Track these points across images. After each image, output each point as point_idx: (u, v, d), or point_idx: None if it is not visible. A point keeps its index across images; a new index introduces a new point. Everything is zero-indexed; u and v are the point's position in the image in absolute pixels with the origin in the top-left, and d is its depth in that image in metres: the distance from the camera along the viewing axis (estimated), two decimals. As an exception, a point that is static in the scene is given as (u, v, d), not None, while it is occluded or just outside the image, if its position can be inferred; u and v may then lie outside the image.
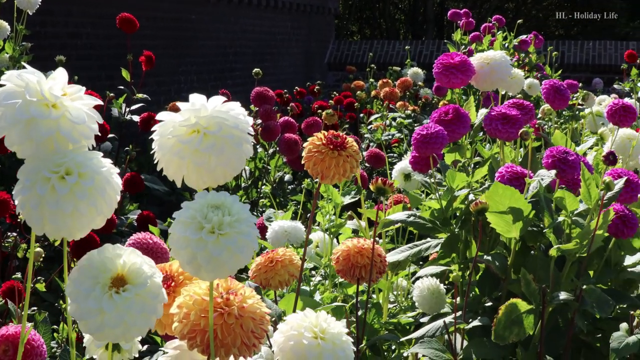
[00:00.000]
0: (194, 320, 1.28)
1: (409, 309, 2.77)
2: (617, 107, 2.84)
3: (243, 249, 1.22)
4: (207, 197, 1.24)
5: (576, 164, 2.36)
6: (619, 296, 2.35)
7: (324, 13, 14.60)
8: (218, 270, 1.22)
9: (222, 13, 10.79)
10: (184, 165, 1.28)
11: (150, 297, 1.23)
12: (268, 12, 12.27)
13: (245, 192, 4.60)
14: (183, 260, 1.22)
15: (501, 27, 6.57)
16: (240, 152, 1.29)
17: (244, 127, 1.29)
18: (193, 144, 1.25)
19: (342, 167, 1.79)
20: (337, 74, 14.37)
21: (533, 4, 24.24)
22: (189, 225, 1.21)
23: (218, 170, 1.28)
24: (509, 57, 2.88)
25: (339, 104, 7.31)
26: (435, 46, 14.49)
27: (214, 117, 1.27)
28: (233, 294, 1.31)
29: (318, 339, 1.38)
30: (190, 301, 1.30)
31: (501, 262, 2.31)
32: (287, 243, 2.67)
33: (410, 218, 2.51)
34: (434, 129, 2.47)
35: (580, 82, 7.79)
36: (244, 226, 1.22)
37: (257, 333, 1.30)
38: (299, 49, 13.59)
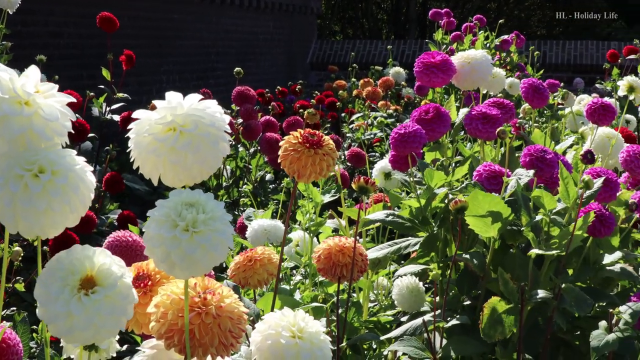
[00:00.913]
0: (171, 320, 1.28)
1: (389, 307, 2.77)
2: (597, 106, 2.85)
3: (217, 247, 1.21)
4: (182, 195, 1.24)
5: (554, 163, 2.36)
6: (597, 294, 2.36)
7: (307, 13, 14.60)
8: (192, 268, 1.21)
9: (204, 13, 10.78)
10: (160, 163, 1.27)
11: (119, 298, 1.22)
12: (250, 12, 12.25)
13: (227, 191, 4.59)
14: (157, 258, 1.22)
15: (483, 27, 6.58)
16: (216, 150, 1.28)
17: (221, 125, 1.28)
18: (169, 141, 1.25)
19: (319, 165, 1.79)
20: (319, 73, 14.37)
21: (515, 4, 24.29)
22: (163, 223, 1.20)
23: (194, 168, 1.27)
24: (490, 57, 2.89)
25: (321, 103, 7.31)
26: (418, 46, 14.51)
27: (190, 115, 1.26)
28: (211, 293, 1.30)
29: (296, 338, 1.37)
30: (168, 300, 1.29)
31: (480, 261, 2.31)
32: (267, 242, 2.67)
33: (389, 217, 2.51)
34: (412, 128, 2.47)
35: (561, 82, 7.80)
36: (218, 224, 1.22)
37: (234, 332, 1.29)
38: (281, 49, 13.58)
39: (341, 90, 7.51)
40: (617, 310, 2.07)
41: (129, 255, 1.99)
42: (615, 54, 7.47)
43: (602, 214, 2.27)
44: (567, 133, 3.80)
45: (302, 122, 4.80)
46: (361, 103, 6.85)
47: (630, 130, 3.37)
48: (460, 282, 2.43)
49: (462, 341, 2.23)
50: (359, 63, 13.53)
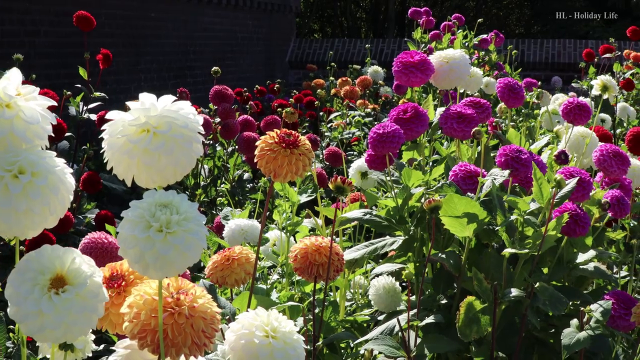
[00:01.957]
0: (144, 320, 1.28)
1: (366, 306, 2.78)
2: (572, 105, 2.86)
3: (191, 247, 1.22)
4: (155, 196, 1.24)
5: (529, 163, 2.38)
6: (571, 293, 2.37)
7: (285, 11, 14.59)
8: (166, 269, 1.22)
9: (183, 11, 10.76)
10: (134, 165, 1.27)
11: (90, 296, 1.23)
12: (229, 11, 12.24)
13: (205, 191, 4.59)
14: (131, 259, 1.22)
15: (461, 26, 6.59)
16: (190, 151, 1.29)
17: (194, 127, 1.29)
18: (142, 143, 1.25)
19: (295, 165, 1.79)
20: (298, 72, 14.36)
21: (493, 3, 24.36)
22: (137, 224, 1.21)
23: (168, 169, 1.27)
24: (467, 56, 2.90)
25: (299, 102, 7.31)
26: (397, 45, 14.52)
27: (164, 117, 1.27)
28: (184, 293, 1.31)
29: (269, 337, 1.38)
30: (141, 301, 1.30)
31: (455, 260, 2.32)
32: (244, 242, 2.67)
33: (366, 216, 2.52)
34: (390, 128, 2.48)
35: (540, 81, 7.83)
36: (192, 224, 1.22)
37: (207, 332, 1.30)
38: (260, 48, 13.57)
39: (319, 89, 7.53)
40: (588, 309, 2.09)
41: (105, 256, 2.00)
42: (591, 53, 7.50)
43: (576, 213, 2.29)
44: (542, 132, 3.82)
45: (280, 121, 4.81)
46: (339, 102, 6.86)
47: (606, 129, 3.39)
48: (436, 281, 2.44)
49: (436, 339, 2.24)
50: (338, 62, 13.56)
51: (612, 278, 2.47)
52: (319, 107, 7.31)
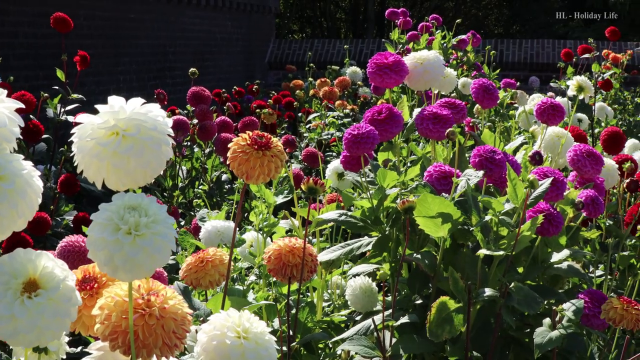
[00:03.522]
0: (115, 322, 1.29)
1: (343, 306, 2.78)
2: (546, 106, 2.88)
3: (160, 250, 1.22)
4: (124, 198, 1.25)
5: (503, 163, 2.39)
6: (546, 292, 2.39)
7: (265, 12, 14.59)
8: (135, 271, 1.22)
9: (162, 12, 10.74)
10: (104, 168, 1.27)
11: (63, 300, 1.23)
12: (208, 11, 12.23)
13: (182, 192, 4.58)
14: (100, 261, 1.23)
15: (439, 26, 6.61)
16: (159, 153, 1.29)
17: (163, 129, 1.29)
18: (112, 146, 1.25)
19: (267, 167, 1.80)
20: (277, 73, 14.37)
21: (472, 3, 24.43)
22: (106, 227, 1.21)
23: (137, 171, 1.28)
24: (442, 57, 2.91)
25: (278, 103, 7.32)
26: (376, 45, 14.54)
27: (133, 119, 1.27)
28: (154, 295, 1.31)
29: (241, 338, 1.38)
30: (112, 302, 1.30)
31: (430, 261, 2.33)
32: (221, 243, 2.68)
33: (342, 217, 2.53)
34: (365, 129, 2.49)
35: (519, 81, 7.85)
36: (161, 227, 1.23)
37: (178, 333, 1.30)
38: (239, 48, 13.57)
39: (298, 90, 7.52)
40: (560, 308, 2.10)
41: (82, 259, 1.99)
42: (569, 53, 7.53)
43: (550, 213, 2.30)
44: (517, 132, 3.84)
45: (258, 123, 4.81)
46: (318, 103, 6.86)
47: (581, 130, 3.40)
48: (411, 281, 2.45)
49: (411, 340, 2.25)
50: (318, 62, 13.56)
51: (586, 277, 2.49)
52: (298, 107, 7.32)
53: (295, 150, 5.74)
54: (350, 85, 6.89)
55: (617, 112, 7.48)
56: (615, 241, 2.91)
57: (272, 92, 7.75)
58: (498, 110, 4.77)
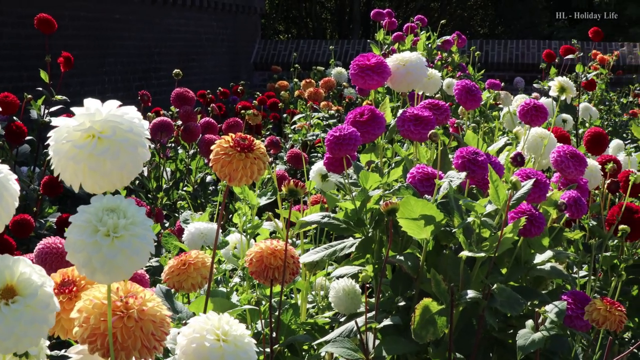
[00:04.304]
0: (94, 324, 1.28)
1: (327, 308, 2.78)
2: (529, 107, 2.88)
3: (138, 252, 1.22)
4: (103, 200, 1.24)
5: (485, 165, 2.39)
6: (529, 293, 2.39)
7: (250, 12, 14.58)
8: (114, 273, 1.22)
9: (147, 12, 10.73)
10: (80, 170, 1.27)
11: (40, 307, 1.22)
12: (193, 12, 12.22)
13: (167, 194, 4.57)
14: (79, 263, 1.22)
15: (424, 27, 6.61)
16: (135, 155, 1.28)
17: (139, 131, 1.29)
18: (88, 148, 1.25)
19: (250, 169, 1.79)
20: (263, 73, 14.36)
21: (458, 4, 24.47)
22: (85, 229, 1.21)
23: (114, 174, 1.27)
24: (424, 58, 2.91)
25: (263, 104, 7.31)
26: (361, 46, 14.55)
27: (108, 121, 1.26)
28: (133, 297, 1.31)
29: (220, 341, 1.38)
30: (90, 305, 1.30)
31: (413, 263, 2.33)
32: (204, 245, 2.67)
33: (324, 219, 2.52)
34: (346, 131, 2.49)
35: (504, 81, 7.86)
36: (139, 229, 1.22)
37: (157, 335, 1.30)
38: (224, 49, 13.56)
39: (283, 91, 7.52)
40: (543, 310, 2.10)
41: (60, 261, 1.99)
42: (551, 54, 7.54)
43: (532, 214, 2.31)
44: (500, 134, 3.84)
45: (242, 124, 4.81)
46: (303, 104, 6.86)
47: (564, 130, 3.41)
48: (394, 283, 2.45)
49: (394, 341, 2.25)
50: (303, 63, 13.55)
51: (568, 277, 2.49)
52: (283, 108, 7.32)
53: (280, 152, 5.73)
54: (335, 86, 6.89)
55: (603, 112, 7.50)
56: (598, 242, 2.92)
57: (257, 93, 7.74)
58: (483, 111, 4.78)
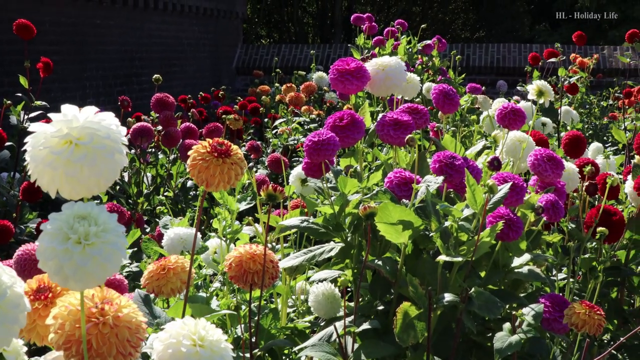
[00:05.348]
0: (69, 331, 1.29)
1: (307, 312, 2.79)
2: (507, 110, 2.90)
3: (110, 259, 1.22)
4: (74, 207, 1.24)
5: (463, 169, 2.40)
6: (507, 296, 2.40)
7: (232, 17, 14.58)
8: (86, 280, 1.22)
9: (128, 18, 10.71)
10: (57, 177, 1.27)
11: (10, 307, 1.22)
12: (175, 17, 12.21)
13: (147, 199, 4.57)
14: (50, 271, 1.22)
15: (405, 31, 6.63)
16: (113, 162, 1.29)
17: (117, 137, 1.29)
18: (65, 154, 1.25)
19: (227, 174, 1.80)
20: (245, 78, 14.37)
21: (439, 8, 24.51)
22: (56, 237, 1.21)
23: (91, 180, 1.27)
24: (403, 63, 2.92)
25: (244, 108, 7.31)
26: (343, 50, 14.58)
27: (86, 128, 1.27)
28: (108, 303, 1.31)
29: (197, 346, 1.38)
30: (65, 312, 1.30)
31: (391, 267, 2.33)
32: (184, 250, 2.67)
33: (303, 223, 2.52)
34: (325, 136, 2.49)
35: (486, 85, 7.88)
36: (111, 236, 1.23)
37: (133, 342, 1.30)
38: (206, 54, 13.55)
39: (264, 95, 7.53)
40: (520, 313, 2.11)
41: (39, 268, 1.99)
42: (536, 57, 7.58)
43: (509, 218, 2.31)
44: (479, 137, 3.85)
45: (223, 129, 4.81)
46: (285, 108, 6.87)
47: (543, 134, 3.43)
48: (373, 287, 2.45)
49: (373, 345, 2.25)
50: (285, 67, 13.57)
51: (546, 280, 2.50)
52: (264, 113, 7.32)
53: (261, 156, 5.74)
54: (316, 91, 6.90)
55: (584, 115, 7.54)
56: (576, 244, 2.93)
57: (238, 98, 7.76)
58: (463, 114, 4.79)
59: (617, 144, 6.79)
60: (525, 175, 3.17)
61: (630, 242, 3.29)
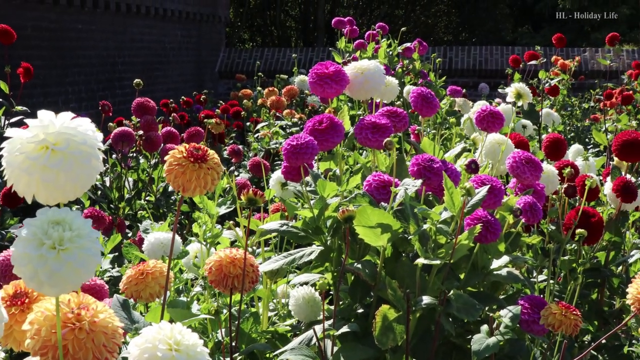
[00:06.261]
0: (45, 336, 1.29)
1: (288, 316, 2.79)
2: (485, 113, 2.90)
3: (84, 264, 1.23)
4: (49, 213, 1.25)
5: (441, 171, 2.40)
6: (486, 298, 2.41)
7: (214, 21, 14.58)
8: (61, 285, 1.22)
9: (110, 22, 10.70)
10: (33, 182, 1.28)
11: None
12: (157, 21, 12.20)
13: (129, 204, 4.57)
14: (25, 276, 1.23)
15: (386, 35, 6.64)
16: (89, 167, 1.29)
17: (93, 143, 1.30)
18: (41, 160, 1.26)
19: (203, 179, 1.80)
20: (228, 82, 14.37)
21: (422, 11, 24.54)
22: (30, 242, 1.21)
23: (67, 186, 1.28)
24: (382, 66, 2.92)
25: (226, 112, 7.31)
26: (326, 53, 14.60)
27: (62, 134, 1.27)
28: (84, 308, 1.32)
29: (172, 351, 1.38)
30: (41, 317, 1.30)
31: (370, 270, 2.34)
32: (164, 255, 2.67)
33: (283, 227, 2.53)
34: (303, 140, 2.49)
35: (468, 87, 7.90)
36: (85, 241, 1.23)
37: (109, 347, 1.31)
38: (189, 58, 13.54)
39: (246, 99, 7.53)
40: (497, 315, 2.12)
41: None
42: (517, 60, 7.61)
43: (487, 220, 2.32)
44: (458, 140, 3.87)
45: (204, 133, 4.81)
46: (267, 112, 6.87)
47: (523, 136, 3.44)
48: (352, 290, 2.45)
49: (352, 348, 2.25)
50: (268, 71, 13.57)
51: (525, 282, 2.51)
52: (246, 117, 7.32)
53: (242, 160, 5.74)
54: (298, 94, 6.91)
55: (566, 117, 7.57)
56: (556, 246, 2.95)
57: (220, 102, 7.76)
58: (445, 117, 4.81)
59: (598, 145, 6.82)
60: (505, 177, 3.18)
61: (609, 244, 3.31)
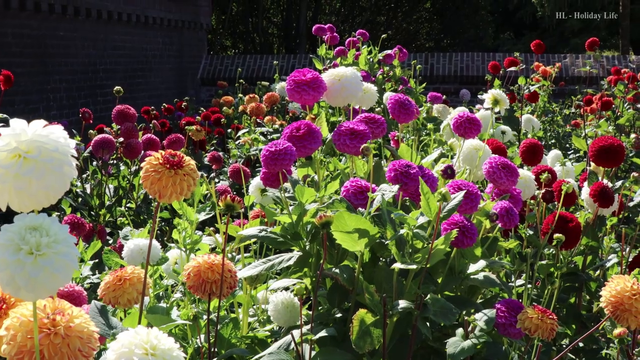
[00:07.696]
0: (21, 342, 1.30)
1: (268, 321, 2.80)
2: (463, 119, 2.93)
3: (61, 269, 1.24)
4: (26, 219, 1.26)
5: (417, 177, 2.42)
6: (463, 302, 2.42)
7: (196, 28, 14.59)
8: (38, 291, 1.24)
9: (91, 29, 10.69)
10: (6, 190, 1.29)
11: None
12: (139, 28, 12.20)
13: (109, 210, 4.57)
14: (3, 282, 1.24)
15: (366, 41, 6.67)
16: (61, 175, 1.30)
17: (65, 150, 1.31)
18: (14, 168, 1.27)
19: (179, 185, 1.82)
20: (210, 89, 14.38)
21: (404, 18, 24.59)
22: (7, 248, 1.23)
23: (40, 193, 1.29)
24: (359, 73, 2.94)
25: (207, 119, 7.32)
26: (307, 60, 14.62)
27: (34, 141, 1.29)
28: (60, 314, 1.33)
29: (149, 355, 1.40)
30: (17, 323, 1.31)
31: (349, 274, 2.35)
32: (144, 261, 2.68)
33: (262, 233, 2.54)
34: (282, 146, 2.51)
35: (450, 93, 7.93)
36: (62, 246, 1.24)
37: (84, 352, 1.32)
38: (171, 65, 13.54)
39: (226, 106, 7.54)
40: (472, 318, 2.14)
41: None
42: (496, 66, 7.65)
43: (464, 225, 2.34)
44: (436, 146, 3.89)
45: (184, 140, 4.82)
46: (248, 119, 6.89)
47: (501, 142, 3.46)
48: (331, 295, 2.47)
49: (330, 352, 2.27)
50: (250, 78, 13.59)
51: (502, 286, 2.53)
52: (227, 124, 7.33)
53: (223, 167, 5.75)
54: (279, 101, 6.92)
55: (547, 123, 7.60)
56: (534, 251, 2.97)
57: (202, 109, 7.77)
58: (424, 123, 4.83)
59: (579, 151, 6.86)
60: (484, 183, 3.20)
61: (587, 248, 3.33)
